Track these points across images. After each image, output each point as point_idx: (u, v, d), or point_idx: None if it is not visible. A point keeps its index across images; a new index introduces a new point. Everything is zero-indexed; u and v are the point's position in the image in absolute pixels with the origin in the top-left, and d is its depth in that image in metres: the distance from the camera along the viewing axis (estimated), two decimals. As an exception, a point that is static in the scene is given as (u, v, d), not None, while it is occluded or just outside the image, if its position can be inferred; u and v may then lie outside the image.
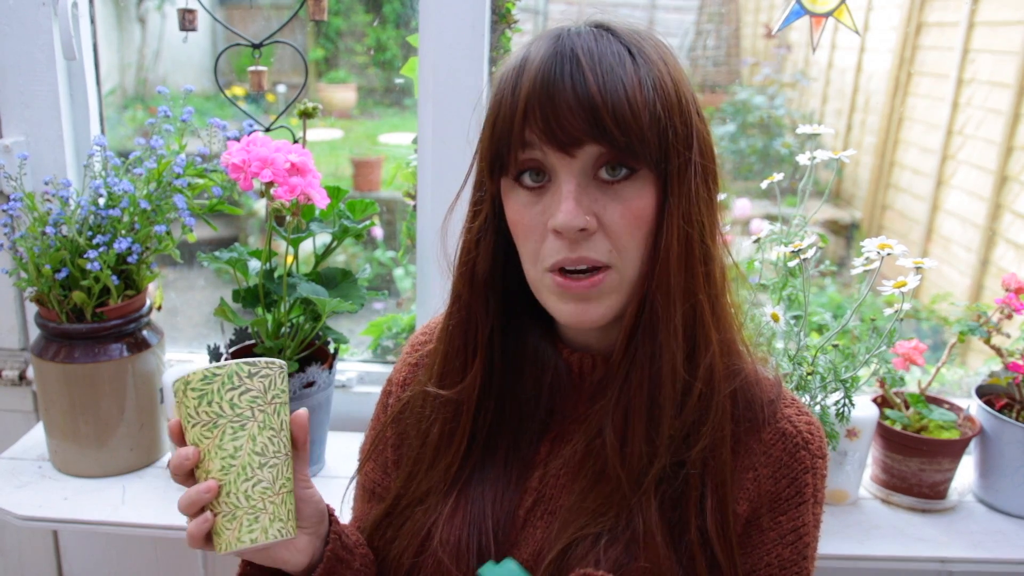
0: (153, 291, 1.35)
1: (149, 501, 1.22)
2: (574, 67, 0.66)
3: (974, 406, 1.28)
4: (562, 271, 0.70)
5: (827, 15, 1.27)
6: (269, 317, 1.22)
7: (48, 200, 1.22)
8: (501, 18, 1.33)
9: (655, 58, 0.69)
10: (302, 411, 0.73)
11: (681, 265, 0.70)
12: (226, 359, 1.21)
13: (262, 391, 0.69)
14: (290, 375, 1.19)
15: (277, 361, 0.71)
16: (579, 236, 0.68)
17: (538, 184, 0.70)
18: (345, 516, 0.96)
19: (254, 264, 1.23)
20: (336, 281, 1.28)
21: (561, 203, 0.68)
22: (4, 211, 1.20)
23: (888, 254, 1.04)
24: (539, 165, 0.69)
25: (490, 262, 0.77)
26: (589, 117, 0.65)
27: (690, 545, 0.72)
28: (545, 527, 0.77)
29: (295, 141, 1.29)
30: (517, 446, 0.80)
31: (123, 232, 1.19)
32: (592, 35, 0.68)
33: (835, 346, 1.14)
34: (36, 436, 1.36)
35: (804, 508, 0.76)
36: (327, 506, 0.80)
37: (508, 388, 0.80)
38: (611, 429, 0.73)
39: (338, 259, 1.36)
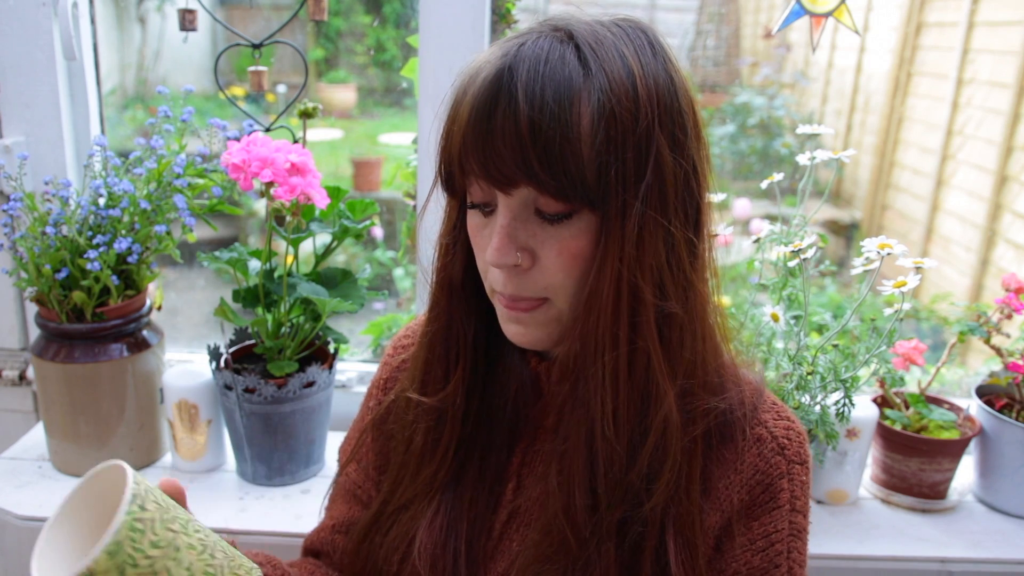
0: (153, 291, 1.35)
1: (149, 501, 1.22)
2: (511, 99, 0.61)
3: (974, 406, 1.28)
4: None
5: (827, 15, 1.27)
6: (269, 317, 1.22)
7: (48, 200, 1.22)
8: (501, 18, 1.33)
9: (618, 73, 0.62)
10: (169, 480, 0.69)
11: (615, 312, 0.65)
12: (226, 359, 1.22)
13: (158, 504, 0.61)
14: (290, 375, 1.19)
15: (114, 463, 0.62)
16: (514, 271, 0.67)
17: (488, 209, 0.69)
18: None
19: (254, 264, 1.23)
20: (336, 281, 1.28)
21: (494, 238, 0.66)
22: (4, 211, 1.19)
23: (888, 254, 1.04)
24: (485, 198, 0.68)
25: (465, 268, 0.75)
26: (519, 158, 0.61)
27: None
28: (521, 540, 0.76)
29: (295, 141, 1.29)
30: (489, 454, 0.79)
31: (123, 232, 1.19)
32: (545, 49, 0.63)
33: (835, 346, 1.14)
34: (36, 436, 1.36)
35: (778, 514, 0.73)
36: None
37: (484, 396, 0.79)
38: (555, 481, 0.70)
39: (338, 259, 1.36)
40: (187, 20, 1.32)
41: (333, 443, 1.34)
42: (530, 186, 0.63)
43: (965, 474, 1.30)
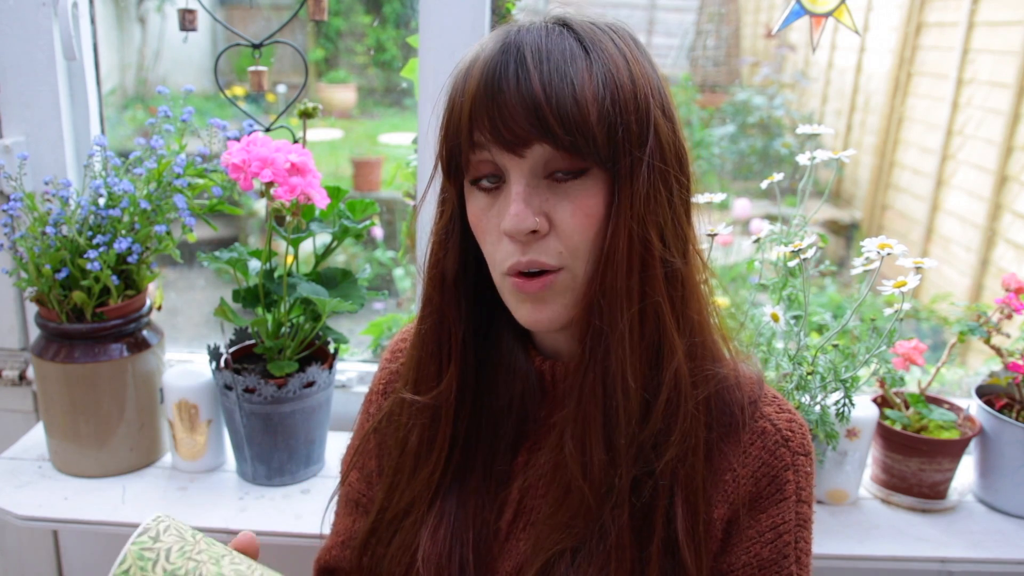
0: (153, 291, 1.35)
1: (149, 501, 1.22)
2: (519, 65, 0.64)
3: (974, 406, 1.28)
4: (518, 272, 0.70)
5: (827, 15, 1.27)
6: (269, 317, 1.22)
7: (48, 200, 1.22)
8: (501, 18, 1.33)
9: (612, 52, 0.67)
10: (247, 534, 0.68)
11: (629, 267, 0.67)
12: (226, 359, 1.22)
13: (180, 537, 0.62)
14: (290, 375, 1.19)
15: (158, 515, 0.64)
16: (530, 239, 0.68)
17: (494, 185, 0.69)
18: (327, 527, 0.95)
19: (254, 264, 1.24)
20: (336, 281, 1.28)
21: (510, 205, 0.67)
22: (4, 211, 1.20)
23: (888, 254, 1.04)
24: (493, 169, 0.68)
25: (459, 263, 0.75)
26: (532, 116, 0.64)
27: (649, 557, 0.71)
28: (527, 539, 0.76)
29: (295, 141, 1.29)
30: (494, 456, 0.79)
31: (123, 232, 1.19)
32: (544, 31, 0.67)
33: (835, 346, 1.14)
34: (36, 436, 1.36)
35: (785, 506, 0.74)
36: None
37: (482, 395, 0.79)
38: (570, 439, 0.71)
39: (338, 259, 1.36)
40: (187, 20, 1.32)
41: (333, 443, 1.34)
42: (545, 143, 0.65)
43: (965, 474, 1.30)
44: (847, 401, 1.12)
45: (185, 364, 1.32)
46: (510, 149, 0.66)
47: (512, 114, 0.64)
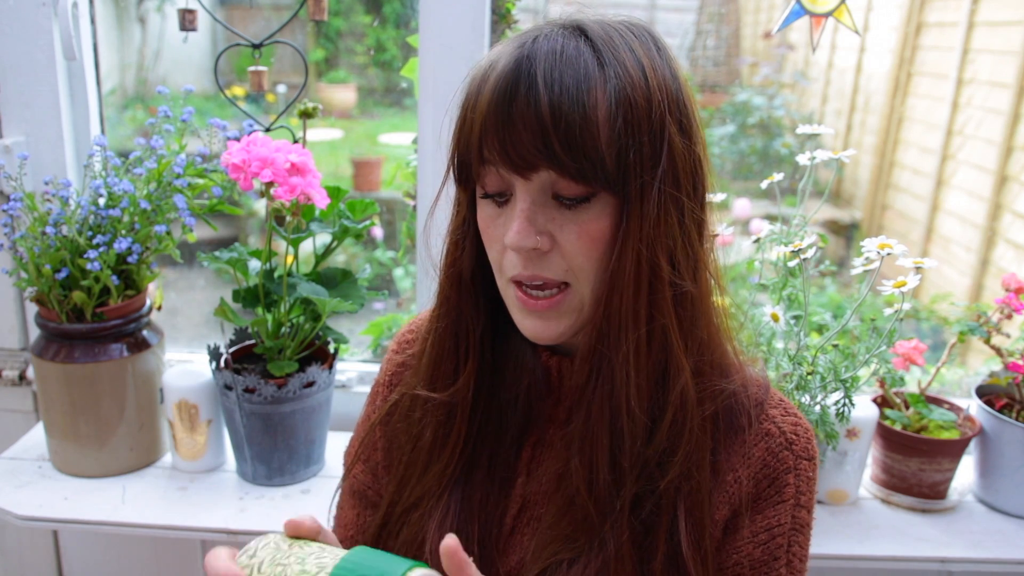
0: (153, 291, 1.35)
1: (149, 501, 1.22)
2: (531, 86, 0.64)
3: (974, 406, 1.28)
4: (521, 285, 0.70)
5: (827, 15, 1.27)
6: (269, 317, 1.22)
7: (48, 200, 1.22)
8: (501, 18, 1.33)
9: (630, 65, 0.65)
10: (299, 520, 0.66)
11: (636, 290, 0.67)
12: (226, 359, 1.22)
13: (275, 548, 0.64)
14: (290, 375, 1.19)
15: (268, 535, 0.65)
16: (533, 254, 0.68)
17: (503, 200, 0.70)
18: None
19: (254, 264, 1.24)
20: (336, 281, 1.28)
21: (514, 222, 0.67)
22: (4, 211, 1.20)
23: (888, 254, 1.04)
24: (501, 185, 0.69)
25: (474, 262, 0.76)
26: (540, 142, 0.63)
27: (653, 572, 0.71)
28: (532, 534, 0.76)
29: (295, 141, 1.29)
30: (499, 451, 0.79)
31: (123, 232, 1.19)
32: (560, 41, 0.65)
33: (835, 346, 1.14)
34: (36, 436, 1.36)
35: (782, 508, 0.74)
36: None
37: (495, 390, 0.79)
38: (577, 455, 0.72)
39: (338, 259, 1.36)
40: (187, 20, 1.32)
41: (333, 443, 1.34)
42: (551, 169, 0.65)
43: (965, 474, 1.30)
44: (847, 401, 1.12)
45: (185, 364, 1.32)
46: (517, 171, 0.66)
47: (520, 138, 0.64)
